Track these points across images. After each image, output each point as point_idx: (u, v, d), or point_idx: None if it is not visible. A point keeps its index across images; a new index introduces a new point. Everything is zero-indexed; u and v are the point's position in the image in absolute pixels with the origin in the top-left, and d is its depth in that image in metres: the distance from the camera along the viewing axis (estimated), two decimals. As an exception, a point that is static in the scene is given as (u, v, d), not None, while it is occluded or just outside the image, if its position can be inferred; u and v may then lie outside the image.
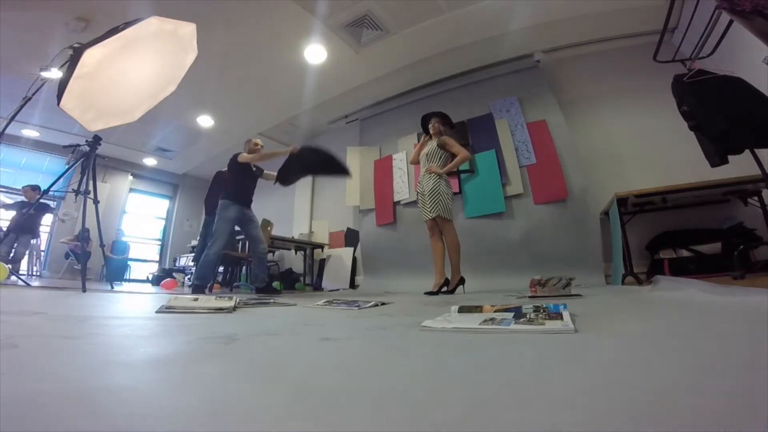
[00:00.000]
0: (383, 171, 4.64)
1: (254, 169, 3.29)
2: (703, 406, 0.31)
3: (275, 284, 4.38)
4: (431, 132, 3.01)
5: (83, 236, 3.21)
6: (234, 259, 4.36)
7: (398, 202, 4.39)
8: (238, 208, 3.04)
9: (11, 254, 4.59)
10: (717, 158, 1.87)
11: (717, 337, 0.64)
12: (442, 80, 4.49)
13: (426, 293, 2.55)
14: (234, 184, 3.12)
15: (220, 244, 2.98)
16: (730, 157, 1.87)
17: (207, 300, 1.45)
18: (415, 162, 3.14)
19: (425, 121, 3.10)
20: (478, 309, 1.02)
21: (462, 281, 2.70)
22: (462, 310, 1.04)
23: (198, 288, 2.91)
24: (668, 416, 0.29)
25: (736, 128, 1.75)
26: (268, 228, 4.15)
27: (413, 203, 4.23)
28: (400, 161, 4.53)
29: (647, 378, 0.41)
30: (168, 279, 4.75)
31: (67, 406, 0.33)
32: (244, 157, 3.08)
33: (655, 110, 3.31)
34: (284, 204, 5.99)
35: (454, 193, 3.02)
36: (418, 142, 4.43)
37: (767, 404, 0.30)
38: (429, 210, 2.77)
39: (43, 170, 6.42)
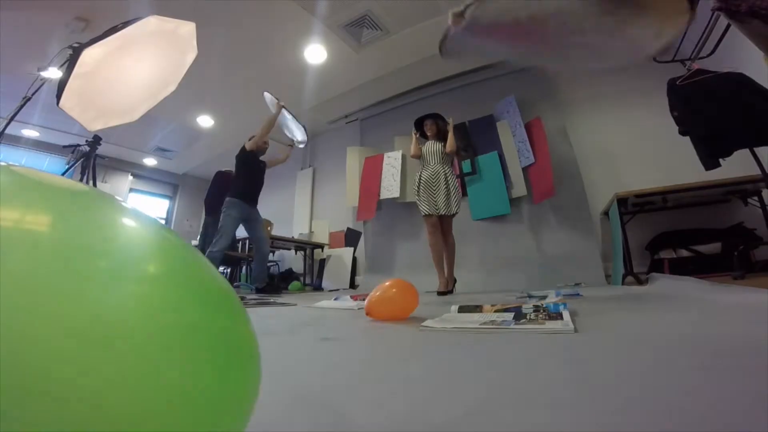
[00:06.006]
0: (372, 168, 4.60)
1: (261, 162, 3.26)
2: (703, 405, 0.31)
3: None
4: (428, 134, 2.97)
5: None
6: (234, 259, 4.35)
7: (394, 199, 4.34)
8: (245, 206, 3.03)
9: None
10: (709, 161, 1.88)
11: (716, 337, 0.64)
12: (442, 80, 4.47)
13: (439, 293, 2.53)
14: (242, 180, 3.08)
15: (225, 241, 2.95)
16: (731, 157, 1.86)
17: None
18: (417, 156, 3.01)
19: (419, 124, 3.07)
20: (478, 309, 1.02)
21: (455, 281, 2.76)
22: (462, 310, 1.04)
23: None
24: (668, 416, 0.29)
25: (720, 131, 1.74)
26: (268, 228, 4.15)
27: (403, 201, 4.23)
28: (394, 159, 4.46)
29: (647, 378, 0.41)
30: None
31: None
32: (250, 143, 3.04)
33: (655, 110, 3.29)
34: (284, 204, 5.99)
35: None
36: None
37: (767, 404, 0.30)
38: (452, 205, 2.70)
39: (43, 170, 6.41)
